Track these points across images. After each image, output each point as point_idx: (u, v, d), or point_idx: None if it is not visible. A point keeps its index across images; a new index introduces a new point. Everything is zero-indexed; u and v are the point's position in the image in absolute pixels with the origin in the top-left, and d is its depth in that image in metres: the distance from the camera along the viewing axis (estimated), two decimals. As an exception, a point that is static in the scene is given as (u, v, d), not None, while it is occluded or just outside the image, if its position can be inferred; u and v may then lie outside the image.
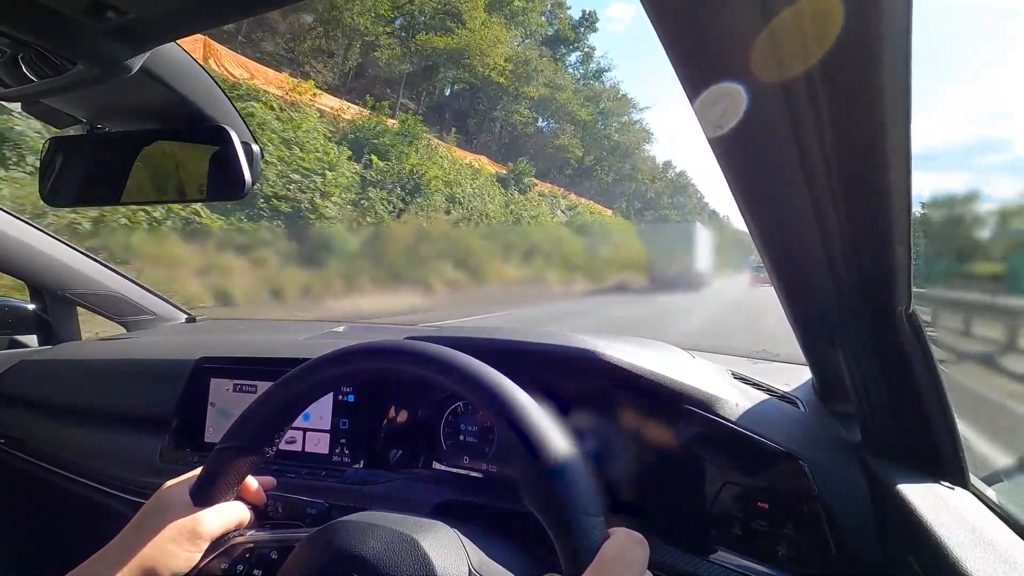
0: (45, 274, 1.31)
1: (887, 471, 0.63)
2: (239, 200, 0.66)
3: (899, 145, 0.38)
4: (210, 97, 0.64)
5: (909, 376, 0.58)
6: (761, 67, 0.32)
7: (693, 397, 0.75)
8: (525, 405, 0.45)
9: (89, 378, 1.21)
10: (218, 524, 0.50)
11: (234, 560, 0.50)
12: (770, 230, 0.54)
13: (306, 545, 0.48)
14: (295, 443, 0.95)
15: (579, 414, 0.83)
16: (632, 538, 0.42)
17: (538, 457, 0.43)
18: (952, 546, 0.48)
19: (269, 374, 1.00)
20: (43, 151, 0.71)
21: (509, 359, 0.62)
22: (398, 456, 0.92)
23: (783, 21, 0.29)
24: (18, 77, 0.49)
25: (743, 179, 0.46)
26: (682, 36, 0.33)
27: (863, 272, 0.52)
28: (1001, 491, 0.60)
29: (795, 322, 0.73)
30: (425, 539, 0.46)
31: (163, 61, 0.56)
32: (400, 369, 0.52)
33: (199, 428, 1.01)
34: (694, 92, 0.35)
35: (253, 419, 0.52)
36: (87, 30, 0.42)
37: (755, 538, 0.70)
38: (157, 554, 0.47)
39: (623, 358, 0.78)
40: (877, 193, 0.42)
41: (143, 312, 1.51)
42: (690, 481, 0.75)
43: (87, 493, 1.09)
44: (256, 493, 0.56)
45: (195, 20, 0.44)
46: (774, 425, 0.74)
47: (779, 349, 1.21)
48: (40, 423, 1.20)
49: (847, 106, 0.36)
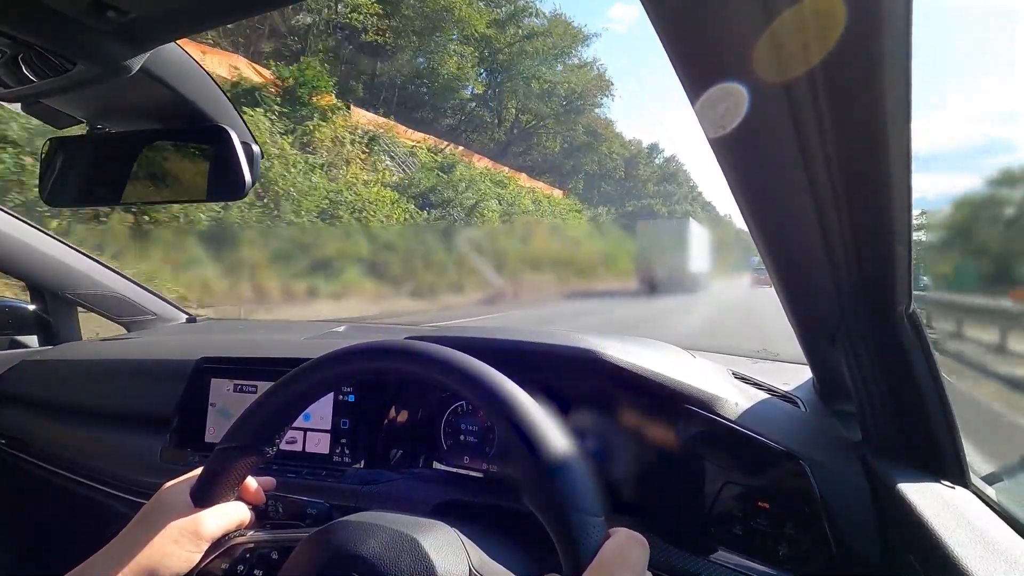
0: (45, 274, 1.31)
1: (888, 470, 0.63)
2: (238, 200, 0.66)
3: (900, 145, 0.38)
4: (210, 97, 0.64)
5: (909, 375, 0.58)
6: (762, 67, 0.32)
7: (694, 397, 0.75)
8: (525, 405, 0.45)
9: (89, 378, 1.21)
10: (218, 524, 0.50)
11: (234, 560, 0.50)
12: (771, 230, 0.54)
13: (306, 545, 0.48)
14: (295, 443, 0.95)
15: (579, 414, 0.83)
16: (633, 538, 0.42)
17: (538, 457, 0.43)
18: (952, 545, 0.48)
19: (269, 374, 1.00)
20: (43, 151, 0.71)
21: (509, 359, 0.62)
22: (398, 456, 0.92)
23: (784, 21, 0.29)
24: (18, 77, 0.49)
25: (744, 179, 0.46)
26: (683, 36, 0.33)
27: (864, 272, 0.52)
28: (1001, 490, 0.61)
29: (796, 322, 0.73)
30: (425, 539, 0.46)
31: (163, 61, 0.56)
32: (401, 369, 0.52)
33: (199, 428, 1.01)
34: (695, 93, 0.35)
35: (253, 419, 0.52)
36: (87, 30, 0.42)
37: (756, 538, 0.70)
38: (157, 555, 0.47)
39: (623, 358, 0.78)
40: (878, 193, 0.42)
41: (143, 312, 1.51)
42: (690, 481, 0.75)
43: (88, 493, 1.10)
44: (256, 493, 0.56)
45: (195, 20, 0.44)
46: (775, 425, 0.74)
47: (779, 349, 1.21)
48: (41, 423, 1.20)
49: (848, 106, 0.36)
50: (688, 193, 41.85)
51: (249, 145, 0.65)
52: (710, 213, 41.23)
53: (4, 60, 0.47)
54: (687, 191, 41.67)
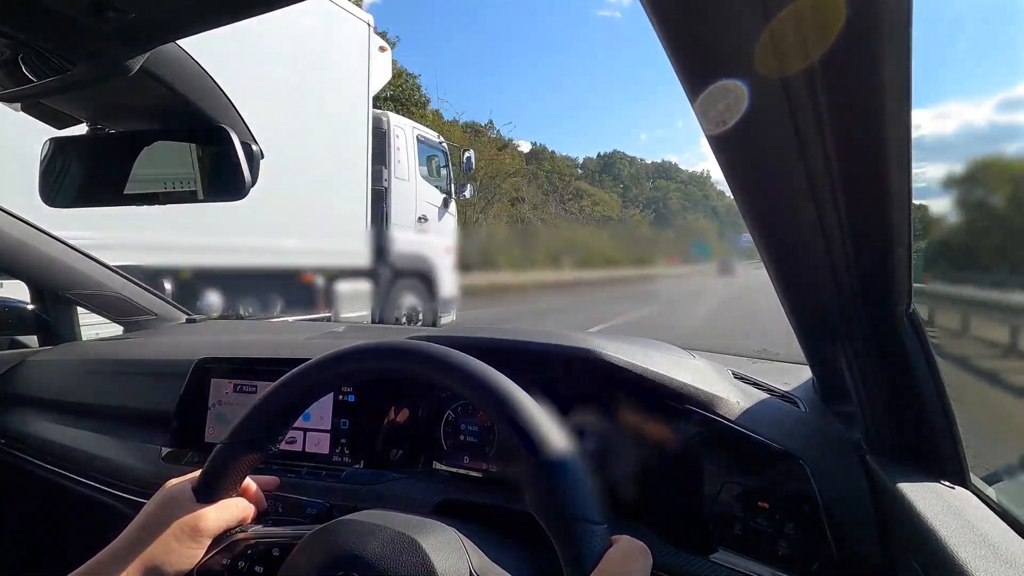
0: (45, 274, 1.31)
1: (888, 470, 0.63)
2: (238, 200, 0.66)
3: (899, 143, 0.38)
4: (210, 97, 0.64)
5: (909, 375, 0.58)
6: (761, 64, 0.32)
7: (693, 397, 0.75)
8: (526, 406, 0.45)
9: (89, 378, 1.21)
10: (221, 520, 0.50)
11: (235, 556, 0.50)
12: (771, 229, 0.54)
13: (307, 545, 0.48)
14: (295, 443, 0.95)
15: (579, 414, 0.83)
16: (635, 547, 0.42)
17: (540, 460, 0.43)
18: (953, 545, 0.48)
19: (269, 374, 1.00)
20: (43, 151, 0.71)
21: (509, 359, 0.62)
22: (398, 456, 0.92)
23: (783, 18, 0.29)
24: (18, 77, 0.49)
25: (743, 177, 0.46)
26: (682, 33, 0.33)
27: (863, 271, 0.52)
28: (1001, 490, 0.60)
29: (795, 321, 0.73)
30: (426, 539, 0.46)
31: (163, 61, 0.56)
32: (402, 369, 0.52)
33: (199, 428, 1.01)
34: (694, 90, 0.35)
35: (256, 416, 0.52)
36: (87, 30, 0.42)
37: (755, 538, 0.70)
38: (160, 552, 0.47)
39: (623, 357, 0.78)
40: (877, 192, 0.42)
41: (143, 312, 1.51)
42: (690, 481, 0.75)
43: (88, 493, 1.09)
44: (256, 496, 0.56)
45: (195, 20, 0.44)
46: (774, 425, 0.74)
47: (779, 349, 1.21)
48: (41, 423, 1.20)
49: (847, 104, 0.36)
50: (685, 180, 54.07)
51: (249, 145, 0.65)
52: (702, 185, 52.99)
53: (4, 60, 0.47)
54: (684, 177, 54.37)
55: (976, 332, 2.76)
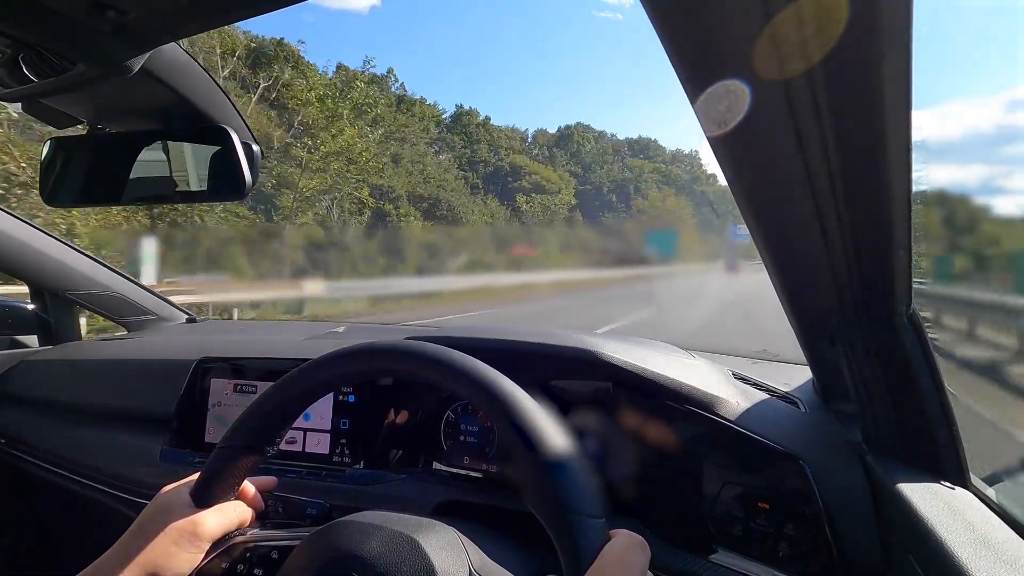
0: (45, 274, 1.31)
1: (888, 471, 0.63)
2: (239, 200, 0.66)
3: (899, 144, 0.38)
4: (210, 97, 0.64)
5: (909, 375, 0.58)
6: (762, 65, 0.32)
7: (693, 397, 0.75)
8: (526, 406, 0.45)
9: (90, 378, 1.21)
10: (219, 524, 0.50)
11: (234, 559, 0.50)
12: (772, 230, 0.54)
13: (306, 545, 0.48)
14: (295, 443, 0.95)
15: (579, 414, 0.83)
16: (633, 541, 0.42)
17: (539, 458, 0.43)
18: (952, 546, 0.48)
19: (269, 374, 1.00)
20: (43, 151, 0.71)
21: (509, 359, 0.62)
22: (398, 456, 0.92)
23: (784, 18, 0.29)
24: (18, 77, 0.49)
25: (744, 177, 0.46)
26: (683, 34, 0.33)
27: (864, 272, 0.52)
28: (1001, 491, 0.60)
29: (795, 322, 0.73)
30: (426, 539, 0.46)
31: (163, 61, 0.56)
32: (402, 369, 0.52)
33: (199, 428, 1.01)
34: (695, 91, 0.35)
35: (253, 418, 0.52)
36: (87, 30, 0.42)
37: (755, 538, 0.70)
38: (159, 557, 0.47)
39: (623, 358, 0.78)
40: (878, 193, 0.42)
41: (143, 312, 1.51)
42: (690, 481, 0.75)
43: (88, 493, 1.09)
44: (254, 498, 0.56)
45: (195, 20, 0.44)
46: (774, 425, 0.74)
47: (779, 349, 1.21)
48: (41, 423, 1.20)
49: (848, 106, 0.36)
50: (662, 162, 51.84)
51: (249, 145, 0.65)
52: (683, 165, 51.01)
53: (4, 60, 0.47)
54: (662, 158, 53.07)
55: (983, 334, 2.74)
